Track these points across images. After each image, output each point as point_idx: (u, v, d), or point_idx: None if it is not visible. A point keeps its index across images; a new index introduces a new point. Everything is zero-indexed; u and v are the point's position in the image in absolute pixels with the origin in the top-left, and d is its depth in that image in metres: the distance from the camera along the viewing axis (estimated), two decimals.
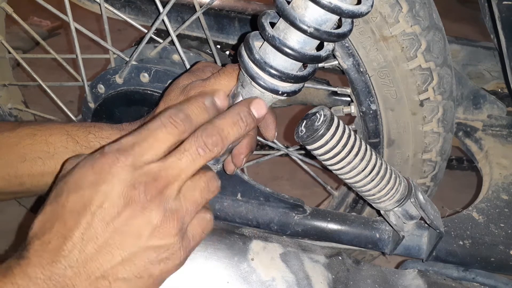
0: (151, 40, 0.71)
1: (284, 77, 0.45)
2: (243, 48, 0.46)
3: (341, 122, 0.51)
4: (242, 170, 0.79)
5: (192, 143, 0.43)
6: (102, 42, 0.72)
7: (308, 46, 0.43)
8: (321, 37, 0.41)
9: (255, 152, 1.13)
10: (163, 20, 0.66)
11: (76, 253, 0.39)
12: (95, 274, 0.40)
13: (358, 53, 0.64)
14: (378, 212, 0.60)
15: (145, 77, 0.70)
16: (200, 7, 0.67)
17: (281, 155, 0.83)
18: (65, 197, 0.41)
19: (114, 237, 0.40)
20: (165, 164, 0.42)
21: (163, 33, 0.73)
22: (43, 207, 0.42)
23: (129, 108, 0.73)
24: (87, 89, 0.75)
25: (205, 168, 0.46)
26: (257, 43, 0.46)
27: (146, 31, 0.71)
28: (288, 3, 0.42)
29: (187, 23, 0.68)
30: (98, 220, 0.40)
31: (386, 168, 0.55)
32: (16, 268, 0.38)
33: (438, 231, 0.58)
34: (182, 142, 0.43)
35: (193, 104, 0.45)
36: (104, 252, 0.40)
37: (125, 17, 0.74)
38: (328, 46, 0.45)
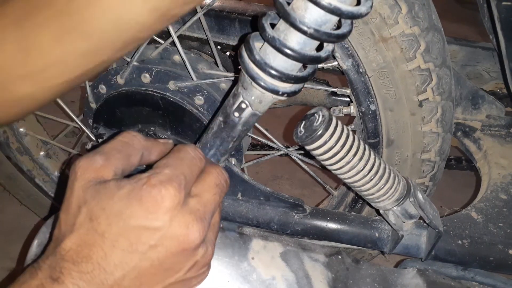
0: (152, 41, 0.72)
1: (284, 77, 0.45)
2: (243, 48, 0.47)
3: (339, 123, 0.51)
4: (242, 170, 0.80)
5: (220, 179, 0.46)
6: None
7: (308, 47, 0.44)
8: (321, 38, 0.42)
9: (255, 152, 1.13)
10: None
11: (115, 287, 0.38)
12: None
13: (357, 54, 0.64)
14: (377, 211, 0.60)
15: (146, 78, 0.70)
16: (201, 8, 0.68)
17: (281, 155, 0.83)
18: (105, 225, 0.39)
19: (157, 273, 0.40)
20: (205, 199, 0.43)
21: (164, 34, 0.74)
22: (72, 225, 0.40)
23: (130, 108, 0.74)
24: (88, 89, 0.76)
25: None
26: (257, 44, 0.46)
27: None
28: (289, 4, 0.42)
29: (188, 24, 0.69)
30: (144, 259, 0.39)
31: (385, 168, 0.55)
32: None
33: (437, 230, 0.58)
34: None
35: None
36: (143, 287, 0.40)
37: None
38: (328, 47, 0.45)
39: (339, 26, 0.44)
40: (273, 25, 0.45)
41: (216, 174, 0.46)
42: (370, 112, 0.69)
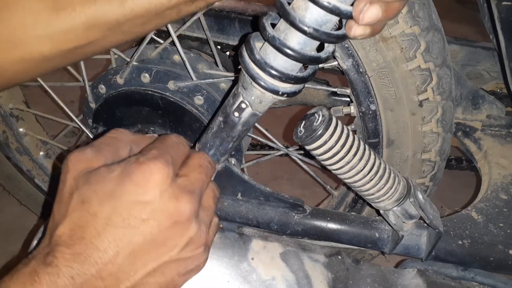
0: (152, 40, 0.72)
1: (284, 77, 0.45)
2: (244, 48, 0.47)
3: (339, 123, 0.51)
4: (242, 170, 0.79)
5: (202, 159, 0.47)
6: None
7: (308, 47, 0.43)
8: (321, 38, 0.42)
9: (255, 152, 1.13)
10: None
11: (108, 265, 0.38)
12: (125, 285, 0.39)
13: (357, 54, 0.64)
14: (378, 211, 0.60)
15: (146, 78, 0.70)
16: None
17: (281, 155, 0.83)
18: (97, 206, 0.39)
19: (150, 249, 0.40)
20: (192, 178, 0.44)
21: (163, 33, 0.74)
22: (65, 212, 0.40)
23: (129, 108, 0.74)
24: (88, 89, 0.76)
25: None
26: (258, 44, 0.46)
27: None
28: (289, 4, 0.42)
29: (187, 23, 0.69)
30: (137, 234, 0.39)
31: (385, 168, 0.55)
32: (45, 277, 0.37)
33: (437, 230, 0.58)
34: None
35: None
36: (138, 265, 0.40)
37: None
38: (328, 48, 0.45)
39: (340, 26, 0.44)
40: (273, 25, 0.45)
41: (198, 157, 0.47)
42: (370, 112, 0.69)
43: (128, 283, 0.39)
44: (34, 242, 0.55)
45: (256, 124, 0.70)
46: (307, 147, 0.51)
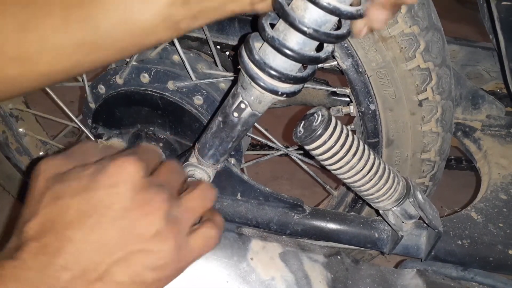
0: None
1: (284, 78, 0.45)
2: (243, 48, 0.46)
3: (339, 122, 0.51)
4: (242, 170, 0.79)
5: (171, 164, 0.48)
6: None
7: (308, 47, 0.43)
8: (320, 38, 0.41)
9: (254, 152, 1.13)
10: None
11: (76, 255, 0.38)
12: (92, 276, 0.39)
13: (357, 54, 0.64)
14: (377, 211, 0.60)
15: (145, 78, 0.70)
16: None
17: (280, 155, 0.83)
18: (70, 198, 0.40)
19: (116, 236, 0.40)
20: (163, 176, 0.45)
21: None
22: (36, 209, 0.40)
23: (129, 108, 0.74)
24: (87, 89, 0.75)
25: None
26: (257, 44, 0.46)
27: None
28: (288, 4, 0.42)
29: None
30: (105, 221, 0.39)
31: (385, 168, 0.55)
32: (10, 270, 0.36)
33: (437, 230, 0.58)
34: None
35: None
36: (103, 251, 0.39)
37: None
38: (327, 48, 0.45)
39: (339, 26, 0.44)
40: (273, 26, 0.45)
41: (169, 162, 0.48)
42: (370, 111, 0.69)
43: (95, 273, 0.39)
44: None
45: (256, 124, 0.70)
46: (307, 147, 0.51)
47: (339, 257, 0.60)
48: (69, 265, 0.38)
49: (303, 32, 0.41)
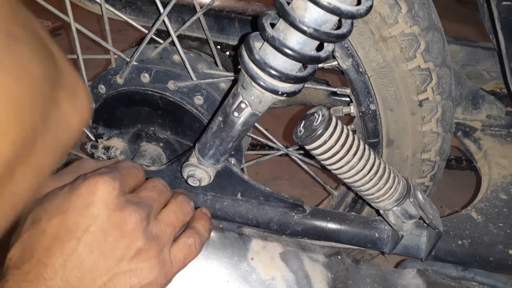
0: (151, 40, 0.72)
1: (284, 77, 0.45)
2: (243, 48, 0.46)
3: (339, 122, 0.51)
4: (242, 170, 0.79)
5: (156, 182, 0.48)
6: (102, 43, 0.73)
7: (308, 46, 0.43)
8: (321, 37, 0.41)
9: (255, 152, 1.13)
10: (163, 20, 0.66)
11: (58, 281, 0.38)
12: None
13: (357, 54, 0.64)
14: (377, 211, 0.60)
15: (145, 78, 0.70)
16: (201, 7, 0.67)
17: (281, 155, 0.83)
18: (45, 222, 0.40)
19: (98, 261, 0.39)
20: (141, 194, 0.45)
21: (163, 33, 0.74)
22: (19, 234, 0.40)
23: (129, 108, 0.74)
24: (87, 89, 0.75)
25: (177, 193, 0.51)
26: (257, 44, 0.46)
27: (146, 31, 0.71)
28: (288, 4, 0.42)
29: (187, 23, 0.69)
30: (83, 246, 0.39)
31: (385, 168, 0.55)
32: None
33: (437, 230, 0.58)
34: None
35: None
36: (87, 278, 0.39)
37: (125, 18, 0.74)
38: (328, 47, 0.45)
39: (339, 26, 0.43)
40: (273, 25, 0.45)
41: (152, 180, 0.48)
42: (370, 111, 0.69)
43: None
44: None
45: (256, 124, 0.70)
46: (307, 147, 0.51)
47: (339, 257, 0.60)
48: None
49: (303, 32, 0.41)
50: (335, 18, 0.41)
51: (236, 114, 0.50)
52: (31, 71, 0.28)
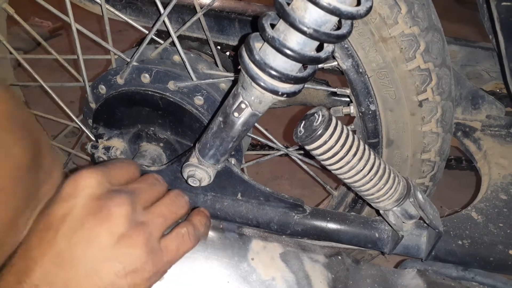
0: (152, 41, 0.72)
1: (284, 78, 0.45)
2: (243, 49, 0.47)
3: (339, 122, 0.51)
4: (242, 170, 0.79)
5: (149, 175, 0.49)
6: (103, 43, 0.73)
7: (308, 47, 0.43)
8: (321, 38, 0.42)
9: (255, 152, 1.13)
10: (164, 21, 0.66)
11: (40, 272, 0.38)
12: None
13: (357, 54, 0.64)
14: (378, 211, 0.60)
15: (146, 78, 0.70)
16: (201, 8, 0.68)
17: (281, 155, 0.83)
18: (35, 223, 0.41)
19: (77, 249, 0.39)
20: (130, 186, 0.45)
21: (163, 34, 0.74)
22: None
23: (130, 108, 0.74)
24: (88, 89, 0.76)
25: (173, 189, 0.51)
26: (257, 44, 0.46)
27: (147, 32, 0.71)
28: (288, 4, 0.42)
29: (187, 24, 0.69)
30: (61, 235, 0.39)
31: (385, 168, 0.55)
32: None
33: (437, 230, 0.58)
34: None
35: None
36: (68, 267, 0.39)
37: (126, 18, 0.74)
38: (327, 48, 0.45)
39: (339, 26, 0.44)
40: (273, 26, 0.45)
41: (146, 175, 0.48)
42: (370, 112, 0.69)
43: None
44: None
45: (256, 124, 0.70)
46: (307, 147, 0.52)
47: (339, 257, 0.60)
48: (36, 282, 0.38)
49: (303, 32, 0.41)
50: (335, 19, 0.41)
51: (236, 114, 0.51)
52: (14, 157, 0.34)
